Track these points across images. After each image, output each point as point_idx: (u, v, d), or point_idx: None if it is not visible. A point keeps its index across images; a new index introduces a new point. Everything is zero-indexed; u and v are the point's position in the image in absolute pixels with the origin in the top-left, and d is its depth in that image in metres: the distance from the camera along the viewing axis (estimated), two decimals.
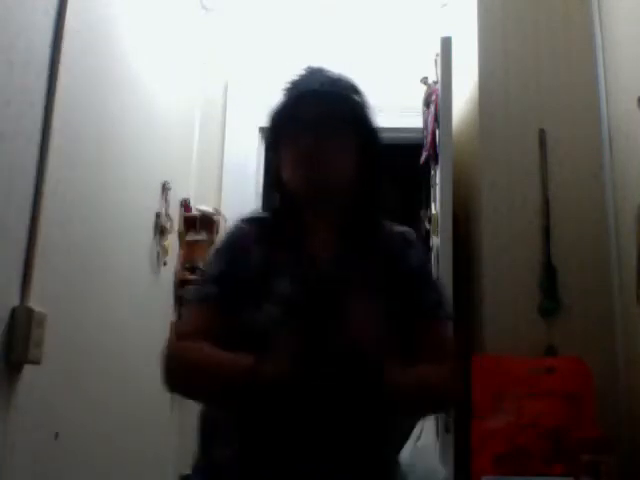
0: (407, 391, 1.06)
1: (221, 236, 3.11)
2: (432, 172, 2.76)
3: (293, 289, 1.12)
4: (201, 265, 2.83)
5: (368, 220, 1.23)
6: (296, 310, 1.07)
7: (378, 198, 1.24)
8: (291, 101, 1.20)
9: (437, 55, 2.66)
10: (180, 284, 2.89)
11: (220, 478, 1.11)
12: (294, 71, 1.25)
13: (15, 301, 1.55)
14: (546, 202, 2.49)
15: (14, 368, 1.54)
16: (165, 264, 2.73)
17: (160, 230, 2.67)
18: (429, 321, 1.18)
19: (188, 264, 2.94)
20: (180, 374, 1.11)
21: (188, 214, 3.02)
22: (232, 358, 1.05)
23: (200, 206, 3.06)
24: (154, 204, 2.65)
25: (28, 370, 1.57)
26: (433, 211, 2.71)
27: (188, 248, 2.99)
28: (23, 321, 1.54)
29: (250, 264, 1.17)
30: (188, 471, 1.21)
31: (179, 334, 1.20)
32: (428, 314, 1.18)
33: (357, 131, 1.20)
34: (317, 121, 1.16)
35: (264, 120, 1.28)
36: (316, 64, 1.26)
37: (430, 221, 2.73)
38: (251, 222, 1.25)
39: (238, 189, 3.22)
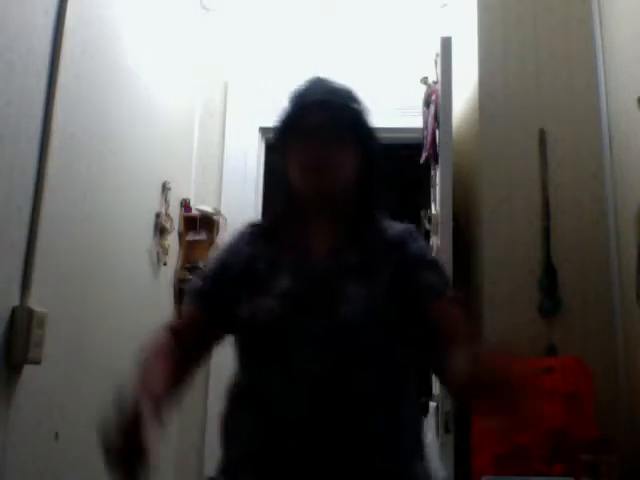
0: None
1: (221, 236, 3.10)
2: (432, 172, 2.76)
3: (293, 284, 1.18)
4: (201, 265, 2.84)
5: (367, 221, 1.28)
6: (295, 302, 1.15)
7: (378, 200, 1.31)
8: (297, 110, 1.28)
9: (437, 55, 2.66)
10: (180, 284, 2.89)
11: (236, 478, 1.15)
12: (294, 71, 1.30)
13: (15, 301, 1.55)
14: (546, 202, 2.49)
15: (14, 368, 1.54)
16: (165, 264, 2.73)
17: (160, 230, 2.67)
18: (440, 302, 1.17)
19: (188, 264, 2.94)
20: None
21: (188, 214, 3.02)
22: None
23: (200, 206, 3.06)
24: (154, 204, 2.64)
25: (28, 370, 1.57)
26: (433, 211, 2.71)
27: (188, 248, 2.99)
28: (23, 321, 1.54)
29: (249, 263, 1.24)
30: (212, 474, 1.23)
31: (167, 326, 1.28)
32: (434, 295, 1.18)
33: (358, 138, 1.26)
34: (322, 129, 1.23)
35: (264, 120, 1.32)
36: (322, 68, 1.31)
37: (430, 221, 2.72)
38: (253, 225, 1.34)
39: (238, 189, 3.22)
